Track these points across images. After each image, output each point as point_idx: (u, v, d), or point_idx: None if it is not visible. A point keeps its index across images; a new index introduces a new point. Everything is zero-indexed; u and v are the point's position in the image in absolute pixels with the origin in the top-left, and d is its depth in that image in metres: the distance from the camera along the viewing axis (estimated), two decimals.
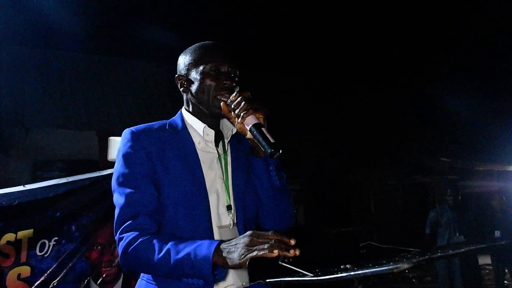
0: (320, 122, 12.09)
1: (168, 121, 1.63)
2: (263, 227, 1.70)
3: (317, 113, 12.10)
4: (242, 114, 1.36)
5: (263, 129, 1.31)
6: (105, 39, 9.50)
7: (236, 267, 1.14)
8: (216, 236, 1.49)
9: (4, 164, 8.88)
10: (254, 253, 1.10)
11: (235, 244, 1.17)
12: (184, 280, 1.27)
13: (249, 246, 1.13)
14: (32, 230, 3.38)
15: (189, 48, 1.62)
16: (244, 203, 1.57)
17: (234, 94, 1.42)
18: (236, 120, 1.41)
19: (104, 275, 3.74)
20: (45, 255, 3.42)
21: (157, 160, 1.48)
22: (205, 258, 1.19)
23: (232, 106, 1.40)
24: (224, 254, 1.17)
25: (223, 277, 1.27)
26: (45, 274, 3.41)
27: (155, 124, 1.59)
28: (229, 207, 1.54)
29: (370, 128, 12.30)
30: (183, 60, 1.60)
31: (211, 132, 1.57)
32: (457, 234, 5.89)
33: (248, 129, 1.34)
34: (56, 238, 3.48)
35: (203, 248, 1.22)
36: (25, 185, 3.41)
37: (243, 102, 1.37)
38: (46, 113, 9.63)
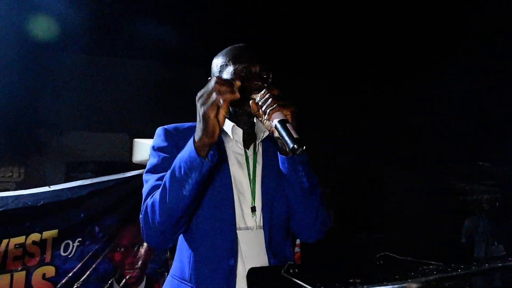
0: (352, 123, 11.91)
1: None
2: (295, 234, 1.64)
3: (350, 114, 11.92)
4: (268, 110, 1.32)
5: (288, 125, 1.26)
6: (135, 42, 9.65)
7: (209, 125, 1.21)
8: (240, 238, 1.46)
9: (39, 165, 9.15)
10: (211, 106, 1.20)
11: (197, 117, 1.25)
12: (187, 190, 1.27)
13: (203, 104, 1.21)
14: (56, 230, 3.43)
15: (222, 50, 1.62)
16: (272, 206, 1.52)
17: (262, 92, 1.39)
18: (263, 118, 1.37)
19: (127, 277, 3.75)
20: (69, 256, 3.46)
21: None
22: (187, 149, 1.27)
23: (260, 104, 1.37)
24: (198, 130, 1.25)
25: (216, 158, 1.29)
26: (69, 275, 3.45)
27: (186, 124, 1.62)
28: (253, 209, 1.50)
29: (406, 130, 12.02)
30: (216, 62, 1.61)
31: (239, 131, 1.55)
32: (496, 243, 5.61)
33: (273, 125, 1.29)
34: (80, 239, 3.51)
35: (184, 148, 1.30)
36: (51, 186, 3.46)
37: (270, 99, 1.34)
38: (79, 116, 9.88)
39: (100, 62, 10.43)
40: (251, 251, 1.46)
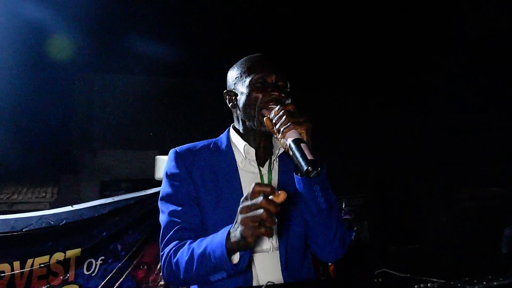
0: (383, 132, 11.68)
1: (214, 139, 1.60)
2: (314, 254, 1.56)
3: (382, 125, 11.71)
4: (282, 129, 1.26)
5: (302, 144, 1.20)
6: (166, 62, 9.85)
7: (245, 241, 1.08)
8: (256, 261, 1.40)
9: (74, 184, 9.40)
10: (254, 233, 1.05)
11: (236, 222, 1.12)
12: (214, 278, 1.22)
13: (244, 221, 1.07)
14: (79, 249, 3.47)
15: (237, 62, 1.57)
16: (289, 227, 1.45)
17: (277, 108, 1.32)
18: (278, 135, 1.31)
19: None
20: (92, 274, 3.49)
21: (199, 180, 1.46)
22: (219, 246, 1.15)
23: (274, 121, 1.30)
24: (232, 236, 1.12)
25: (246, 267, 1.18)
26: None
27: (200, 143, 1.57)
28: None
29: (439, 136, 11.69)
30: (231, 75, 1.56)
31: (252, 151, 1.50)
32: None
33: (288, 145, 1.23)
34: (103, 257, 3.53)
35: (218, 236, 1.19)
36: (73, 205, 3.51)
37: (284, 116, 1.27)
38: (112, 135, 10.12)
39: (131, 81, 10.69)
40: (267, 275, 1.40)
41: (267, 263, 1.42)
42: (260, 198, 1.04)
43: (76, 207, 3.53)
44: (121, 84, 10.70)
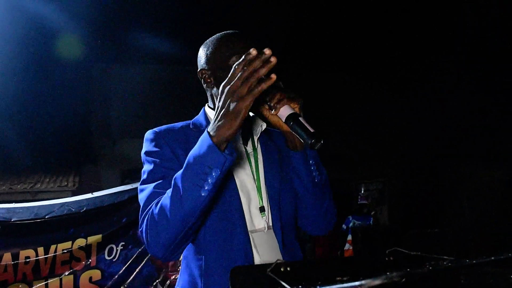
0: (403, 117, 11.53)
1: (191, 120, 1.51)
2: (303, 229, 1.54)
3: (401, 107, 11.55)
4: (276, 105, 1.23)
5: (300, 119, 1.18)
6: (184, 49, 9.88)
7: (238, 119, 1.05)
8: (255, 241, 1.35)
9: (94, 174, 9.57)
10: (247, 100, 1.03)
11: (222, 104, 1.08)
12: (206, 190, 1.12)
13: (231, 97, 1.05)
14: (100, 235, 3.55)
15: (210, 39, 1.48)
16: (280, 203, 1.42)
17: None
18: (269, 113, 1.28)
19: (171, 278, 3.81)
20: (114, 259, 3.57)
21: (183, 157, 1.32)
22: (202, 144, 1.12)
23: (267, 98, 1.26)
24: (220, 122, 1.09)
25: (236, 155, 1.14)
26: (115, 277, 3.56)
27: (178, 124, 1.49)
28: (262, 209, 1.39)
29: (461, 118, 11.48)
30: (205, 53, 1.46)
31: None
32: None
33: (284, 121, 1.21)
34: (123, 243, 3.61)
35: (196, 145, 1.15)
36: (93, 193, 3.59)
37: (277, 92, 1.24)
38: (131, 125, 10.23)
39: (147, 70, 10.77)
40: (266, 254, 1.36)
41: (265, 243, 1.38)
42: (241, 65, 1.04)
43: (96, 194, 3.61)
44: (139, 73, 10.78)
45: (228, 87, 1.06)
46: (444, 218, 10.25)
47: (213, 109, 1.49)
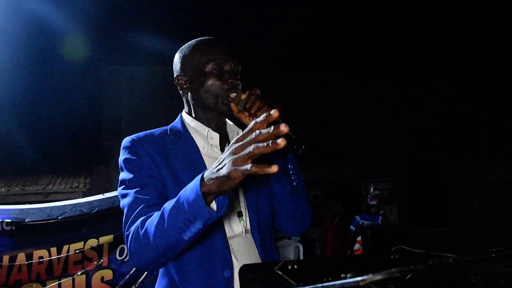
0: (411, 115, 11.48)
1: (168, 127, 1.52)
2: (280, 230, 1.58)
3: (409, 105, 11.49)
4: (256, 112, 1.26)
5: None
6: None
7: (229, 183, 0.98)
8: (233, 246, 1.37)
9: (105, 175, 9.65)
10: (246, 168, 0.93)
11: (221, 160, 1.01)
12: (188, 235, 1.10)
13: (236, 154, 0.96)
14: (112, 235, 3.61)
15: (186, 45, 1.48)
16: (257, 208, 1.44)
17: (245, 93, 1.31)
18: (248, 120, 1.30)
19: None
20: (125, 260, 3.62)
21: (163, 166, 1.37)
22: (193, 190, 1.05)
23: (246, 106, 1.29)
24: (213, 176, 1.01)
25: (224, 210, 1.08)
26: (126, 277, 3.61)
27: (156, 130, 1.49)
28: (239, 214, 1.41)
29: (469, 116, 11.40)
30: (181, 59, 1.47)
31: (216, 136, 1.46)
32: None
33: None
34: None
35: (189, 185, 1.09)
36: (105, 194, 3.64)
37: (257, 100, 1.27)
38: (141, 125, 10.27)
39: (157, 71, 10.84)
40: (245, 258, 1.37)
41: (243, 247, 1.39)
42: (257, 132, 0.93)
43: (108, 195, 3.66)
44: (149, 74, 10.84)
45: (234, 147, 0.98)
46: (453, 217, 10.20)
47: (190, 115, 1.51)
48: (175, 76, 1.49)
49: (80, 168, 9.63)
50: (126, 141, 1.43)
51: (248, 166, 0.93)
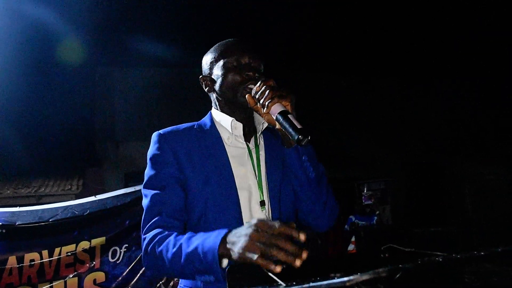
0: (406, 116, 11.52)
1: (197, 122, 1.58)
2: (303, 224, 1.56)
3: (403, 106, 11.54)
4: (267, 103, 1.28)
5: (289, 116, 1.22)
6: (187, 51, 9.90)
7: (238, 260, 1.03)
8: None
9: (98, 177, 9.60)
10: (253, 257, 0.98)
11: (239, 235, 1.06)
12: (200, 280, 1.19)
13: (251, 241, 1.00)
14: (104, 238, 3.59)
15: (213, 47, 1.57)
16: (280, 198, 1.47)
17: (258, 85, 1.34)
18: (262, 111, 1.32)
19: (174, 280, 3.83)
20: (117, 262, 3.60)
21: (185, 160, 1.44)
22: (211, 249, 1.10)
23: (257, 97, 1.32)
24: (229, 246, 1.07)
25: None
26: (118, 279, 3.59)
27: (183, 125, 1.56)
28: (262, 203, 1.45)
29: (464, 117, 11.46)
30: (205, 60, 1.57)
31: (239, 126, 1.49)
32: None
33: (275, 118, 1.25)
34: (127, 245, 3.64)
35: (210, 239, 1.13)
36: (96, 196, 3.62)
37: (267, 91, 1.29)
38: (134, 127, 10.27)
39: (150, 74, 10.81)
40: None
41: None
42: (280, 230, 0.98)
43: (100, 197, 3.64)
44: (142, 76, 10.82)
45: (256, 230, 1.02)
46: (447, 216, 10.25)
47: (218, 110, 1.57)
48: (200, 77, 1.57)
49: (72, 170, 9.58)
50: (154, 135, 1.50)
51: (255, 257, 0.98)
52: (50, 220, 3.44)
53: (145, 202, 1.41)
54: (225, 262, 1.11)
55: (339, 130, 10.56)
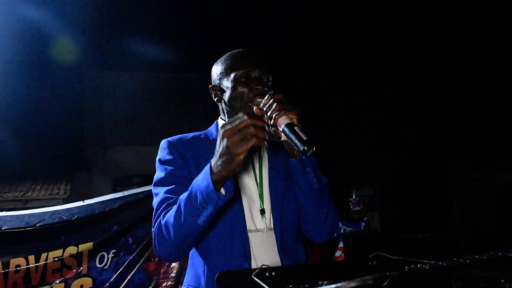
0: (394, 122, 11.61)
1: (203, 131, 1.66)
2: (305, 234, 1.63)
3: (391, 111, 11.63)
4: (274, 115, 1.32)
5: (295, 128, 1.26)
6: (177, 56, 9.90)
7: (234, 160, 1.15)
8: (251, 241, 1.47)
9: (86, 181, 9.53)
10: (239, 147, 1.13)
11: (216, 151, 1.19)
12: (201, 220, 1.25)
13: (229, 139, 1.14)
14: (92, 243, 3.56)
15: (221, 58, 1.63)
16: (282, 207, 1.52)
17: (266, 98, 1.39)
18: (269, 123, 1.36)
19: (162, 285, 3.81)
20: (105, 267, 3.58)
21: (193, 165, 1.51)
22: (204, 178, 1.21)
23: (265, 109, 1.36)
24: (219, 162, 1.18)
25: (232, 192, 1.25)
26: (106, 285, 3.56)
27: (190, 134, 1.63)
28: (262, 211, 1.51)
29: (452, 123, 11.59)
30: (215, 70, 1.62)
31: None
32: None
33: (281, 130, 1.30)
34: (114, 250, 3.62)
35: (200, 175, 1.25)
36: (84, 200, 3.60)
37: (275, 104, 1.33)
38: (123, 132, 10.22)
39: (140, 78, 10.79)
40: (264, 254, 1.47)
41: (263, 243, 1.47)
42: (245, 117, 1.14)
43: (88, 202, 3.62)
44: (131, 81, 10.80)
45: (225, 130, 1.17)
46: (435, 223, 10.33)
47: (224, 120, 1.64)
48: (210, 86, 1.63)
49: (60, 174, 9.48)
50: (162, 142, 1.59)
51: (241, 146, 1.12)
52: (37, 225, 3.41)
53: (156, 199, 1.47)
54: (222, 190, 1.22)
55: (328, 135, 10.61)
